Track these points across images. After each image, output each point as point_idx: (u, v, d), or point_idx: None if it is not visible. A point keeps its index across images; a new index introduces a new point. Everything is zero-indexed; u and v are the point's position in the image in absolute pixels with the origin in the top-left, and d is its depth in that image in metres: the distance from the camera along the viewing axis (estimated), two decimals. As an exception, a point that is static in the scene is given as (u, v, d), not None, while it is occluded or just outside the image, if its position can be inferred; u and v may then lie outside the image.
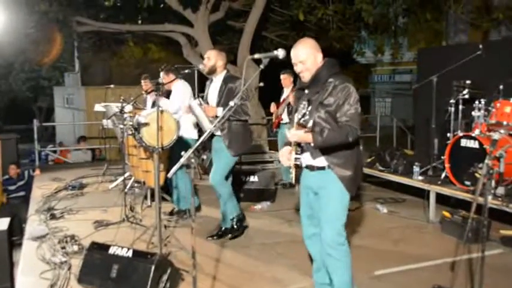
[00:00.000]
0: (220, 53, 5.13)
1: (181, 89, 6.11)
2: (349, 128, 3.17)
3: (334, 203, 3.37)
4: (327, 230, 3.37)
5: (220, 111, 4.90)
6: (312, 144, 3.20)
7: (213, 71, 5.10)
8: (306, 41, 3.42)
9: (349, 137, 3.18)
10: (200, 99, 5.13)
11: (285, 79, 7.65)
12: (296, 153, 3.36)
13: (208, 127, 4.94)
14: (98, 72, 20.25)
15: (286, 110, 7.56)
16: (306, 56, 3.34)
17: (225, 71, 5.12)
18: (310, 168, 3.44)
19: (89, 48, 14.93)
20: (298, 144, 3.34)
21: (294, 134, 3.23)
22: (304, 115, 3.28)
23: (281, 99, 7.74)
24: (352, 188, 3.38)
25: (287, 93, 7.61)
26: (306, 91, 3.42)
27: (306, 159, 3.42)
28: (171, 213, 6.12)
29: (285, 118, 7.62)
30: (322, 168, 3.37)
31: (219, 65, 5.09)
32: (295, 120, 3.31)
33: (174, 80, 5.98)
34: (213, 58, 5.08)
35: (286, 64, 3.56)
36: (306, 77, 3.40)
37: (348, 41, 13.41)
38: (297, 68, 3.40)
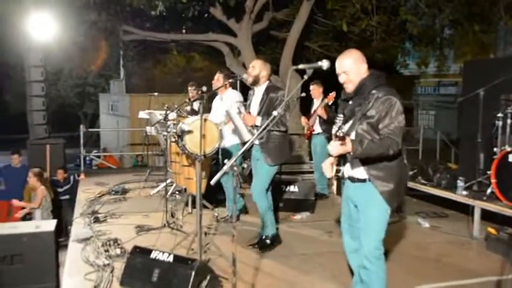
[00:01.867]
0: (265, 64, 5.17)
1: (229, 100, 6.00)
2: (389, 140, 3.15)
3: (374, 216, 3.36)
4: (365, 243, 3.39)
5: (259, 121, 4.95)
6: (351, 153, 3.16)
7: (256, 81, 5.14)
8: (351, 52, 3.42)
9: (390, 149, 3.16)
10: (240, 106, 5.17)
11: (314, 90, 7.66)
12: (337, 165, 3.39)
13: (246, 136, 4.99)
14: (142, 80, 20.70)
15: (318, 120, 7.57)
16: (350, 66, 3.34)
17: (267, 82, 5.16)
18: (351, 179, 3.45)
19: (134, 57, 15.30)
20: (339, 155, 3.31)
21: (332, 147, 3.19)
22: (340, 128, 3.26)
23: (311, 111, 7.75)
24: (393, 202, 3.36)
25: (317, 104, 7.61)
26: (350, 102, 3.42)
27: (347, 170, 3.44)
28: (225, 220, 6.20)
29: (317, 129, 7.65)
30: (363, 180, 3.37)
31: (263, 75, 5.12)
32: (333, 132, 3.29)
33: (223, 86, 5.98)
34: (257, 68, 5.11)
35: (316, 75, 3.52)
36: (349, 88, 3.40)
37: (391, 53, 13.28)
38: (341, 79, 3.40)
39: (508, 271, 4.42)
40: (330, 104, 7.32)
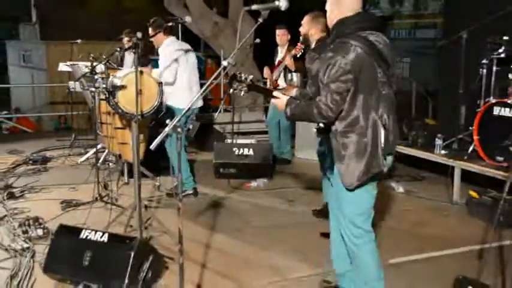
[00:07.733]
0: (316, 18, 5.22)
1: (167, 52, 5.99)
2: (317, 105, 3.04)
3: (341, 194, 3.32)
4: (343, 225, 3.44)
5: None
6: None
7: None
8: None
9: (318, 116, 3.07)
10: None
11: (283, 36, 7.53)
12: None
13: None
14: (61, 25, 20.00)
15: (282, 74, 7.51)
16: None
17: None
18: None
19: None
20: None
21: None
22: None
23: (276, 61, 7.67)
24: (349, 179, 3.17)
25: (283, 53, 7.54)
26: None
27: None
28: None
29: (282, 83, 7.52)
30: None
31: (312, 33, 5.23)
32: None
33: (156, 34, 5.89)
34: (305, 25, 5.25)
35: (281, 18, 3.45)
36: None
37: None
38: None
39: (491, 238, 4.61)
40: (298, 56, 7.20)
